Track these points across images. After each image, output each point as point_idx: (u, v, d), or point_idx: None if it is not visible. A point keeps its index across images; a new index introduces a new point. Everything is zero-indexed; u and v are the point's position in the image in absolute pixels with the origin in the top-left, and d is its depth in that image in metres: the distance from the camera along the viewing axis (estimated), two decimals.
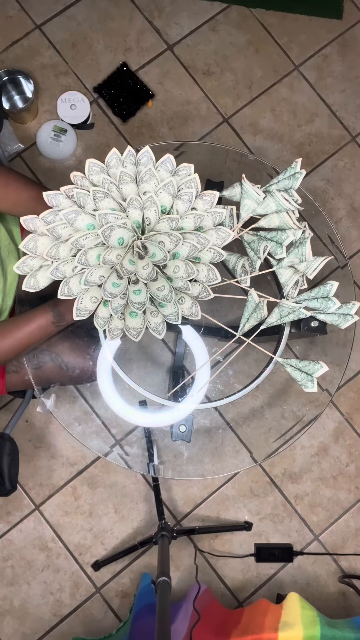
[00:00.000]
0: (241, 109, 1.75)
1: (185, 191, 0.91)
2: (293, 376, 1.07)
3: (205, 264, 0.95)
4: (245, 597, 1.59)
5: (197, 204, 0.93)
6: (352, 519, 1.63)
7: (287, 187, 1.06)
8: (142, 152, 0.92)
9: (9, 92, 1.62)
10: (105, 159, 0.91)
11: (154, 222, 0.90)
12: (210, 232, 0.94)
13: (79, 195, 0.88)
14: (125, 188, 0.90)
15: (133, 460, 1.34)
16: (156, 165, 0.92)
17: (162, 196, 0.90)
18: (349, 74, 1.77)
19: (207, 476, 1.32)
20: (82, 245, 0.87)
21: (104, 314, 0.91)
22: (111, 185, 0.89)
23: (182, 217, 0.91)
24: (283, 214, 1.04)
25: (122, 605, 1.57)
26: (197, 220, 0.92)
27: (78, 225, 0.88)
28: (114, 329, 0.92)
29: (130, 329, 0.92)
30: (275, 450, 1.25)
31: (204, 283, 0.95)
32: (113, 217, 0.87)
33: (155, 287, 0.90)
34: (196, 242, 0.91)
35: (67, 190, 0.89)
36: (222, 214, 0.94)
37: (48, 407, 1.21)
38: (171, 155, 0.92)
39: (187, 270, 0.90)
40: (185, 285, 0.92)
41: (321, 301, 1.06)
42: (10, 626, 1.56)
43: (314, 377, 1.04)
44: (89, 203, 0.88)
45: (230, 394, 1.14)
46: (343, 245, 1.35)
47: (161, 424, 1.17)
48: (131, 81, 1.71)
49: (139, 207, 0.89)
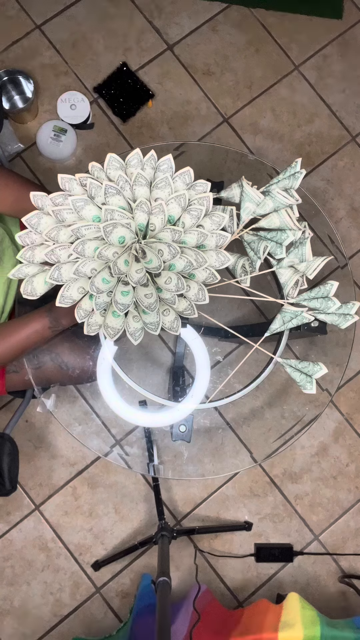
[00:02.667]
0: (241, 109, 1.75)
1: (195, 207, 0.92)
2: (292, 377, 1.07)
3: (198, 282, 0.95)
4: (245, 597, 1.59)
5: (205, 222, 0.94)
6: (352, 519, 1.63)
7: (287, 187, 1.06)
8: (164, 159, 0.92)
9: (9, 92, 1.62)
10: (127, 157, 0.91)
11: (158, 229, 0.90)
12: (210, 253, 0.94)
13: (92, 186, 0.88)
14: (138, 190, 0.90)
15: (133, 460, 1.34)
16: (174, 175, 0.92)
17: (172, 206, 0.91)
18: (349, 74, 1.77)
19: (207, 476, 1.32)
20: (82, 234, 0.87)
21: (86, 307, 0.91)
22: (125, 184, 0.89)
23: (186, 232, 0.91)
24: (282, 213, 1.04)
25: (122, 605, 1.57)
26: (200, 238, 0.92)
27: (84, 214, 0.88)
28: (93, 323, 0.92)
29: (108, 327, 0.92)
30: (275, 450, 1.25)
31: (191, 300, 0.95)
32: (119, 214, 0.88)
33: (143, 294, 0.90)
34: (194, 259, 0.91)
35: (82, 178, 0.89)
36: (226, 237, 0.94)
37: (48, 407, 1.21)
38: (191, 169, 0.92)
39: (178, 284, 0.91)
40: (173, 299, 0.92)
41: (321, 301, 1.06)
42: (10, 626, 1.56)
43: (313, 378, 1.04)
44: (100, 196, 0.88)
45: (230, 394, 1.14)
46: (343, 245, 1.35)
47: (161, 424, 1.17)
48: (131, 81, 1.71)
49: (147, 212, 0.89)
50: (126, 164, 0.91)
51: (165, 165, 0.92)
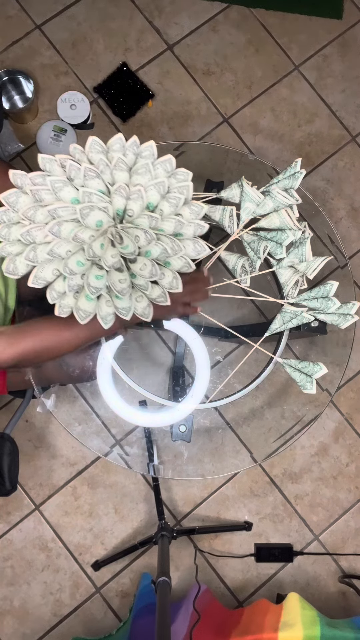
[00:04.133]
0: (241, 109, 1.75)
1: (175, 195, 0.92)
2: (292, 377, 1.07)
3: (172, 270, 0.95)
4: (245, 597, 1.59)
5: (184, 211, 0.93)
6: (352, 519, 1.63)
7: (287, 187, 1.07)
8: (146, 146, 0.92)
9: (9, 92, 1.62)
10: (109, 141, 0.91)
11: (136, 215, 0.90)
12: (187, 242, 0.94)
13: (72, 168, 0.88)
14: (118, 174, 0.90)
15: (133, 460, 1.34)
16: (155, 162, 0.92)
17: (151, 193, 0.90)
18: (349, 74, 1.77)
19: (207, 476, 1.32)
20: (59, 215, 0.87)
21: (59, 289, 0.91)
22: (105, 168, 0.89)
23: (163, 219, 0.91)
24: (282, 213, 1.04)
25: (122, 605, 1.57)
26: (177, 226, 0.92)
27: (62, 195, 0.88)
28: (65, 305, 0.92)
29: (80, 310, 0.92)
30: (275, 450, 1.25)
31: (165, 288, 0.95)
32: (97, 198, 0.87)
33: (117, 279, 0.90)
34: (170, 247, 0.91)
35: (62, 159, 0.89)
36: (204, 228, 0.94)
37: (48, 407, 1.21)
38: (173, 158, 0.92)
39: (152, 271, 0.91)
40: (146, 285, 0.92)
41: (321, 301, 1.06)
42: (10, 626, 1.56)
43: (313, 378, 1.04)
44: (79, 178, 0.88)
45: (230, 394, 1.14)
46: (343, 245, 1.35)
47: (161, 424, 1.17)
48: (131, 81, 1.71)
49: (125, 197, 0.89)
50: (108, 148, 0.91)
51: (147, 152, 0.92)
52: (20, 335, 0.91)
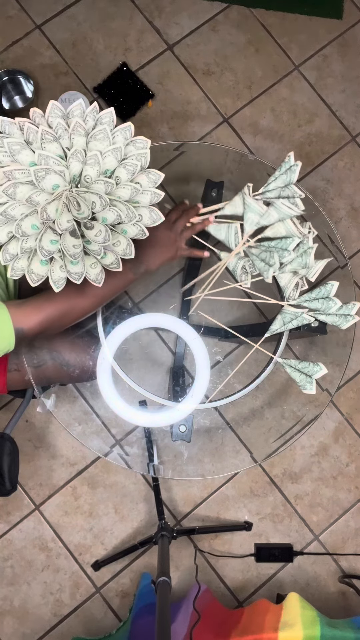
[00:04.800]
0: (241, 109, 1.75)
1: (132, 162, 0.92)
2: (292, 377, 1.07)
3: (127, 238, 0.95)
4: (245, 597, 1.59)
5: (142, 179, 0.94)
6: (352, 519, 1.63)
7: (286, 182, 1.06)
8: (106, 112, 0.92)
9: (9, 92, 1.62)
10: (70, 107, 0.91)
11: (93, 180, 0.90)
12: (143, 210, 0.95)
13: (30, 131, 0.88)
14: (76, 139, 0.90)
15: (133, 460, 1.34)
16: (115, 130, 0.92)
17: (108, 159, 0.91)
18: (349, 74, 1.77)
19: (207, 476, 1.32)
20: (15, 178, 0.87)
21: (13, 250, 0.91)
22: (64, 132, 0.90)
23: (119, 185, 0.92)
24: (287, 221, 1.04)
25: (122, 605, 1.57)
26: (133, 193, 0.92)
27: (20, 158, 0.88)
28: (18, 268, 0.92)
29: (32, 273, 0.92)
30: (275, 450, 1.25)
31: (118, 254, 0.96)
32: (54, 161, 0.88)
33: (72, 244, 0.90)
34: (124, 214, 0.91)
35: (20, 122, 0.89)
36: (160, 196, 0.95)
37: (48, 407, 1.21)
38: (132, 125, 0.93)
39: (105, 236, 0.91)
40: (99, 250, 0.93)
41: (322, 302, 1.06)
42: (10, 626, 1.56)
43: (313, 378, 1.04)
44: (37, 142, 0.88)
45: (230, 394, 1.14)
46: (343, 245, 1.35)
47: (161, 424, 1.17)
48: (131, 81, 1.71)
49: (81, 161, 0.89)
50: (68, 114, 0.91)
51: (107, 119, 0.92)
52: (43, 300, 0.95)
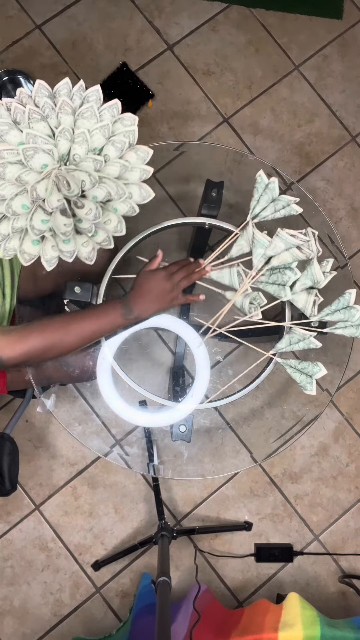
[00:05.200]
0: (241, 109, 1.75)
1: (119, 139, 0.91)
2: (293, 377, 1.07)
3: (118, 215, 0.95)
4: (245, 597, 1.59)
5: (130, 156, 0.93)
6: (352, 519, 1.63)
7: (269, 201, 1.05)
8: (92, 90, 0.92)
9: (9, 92, 1.62)
10: (56, 86, 0.90)
11: (82, 158, 0.90)
12: (132, 187, 0.94)
13: (17, 111, 0.87)
14: (63, 118, 0.89)
15: (133, 460, 1.34)
16: (102, 107, 0.92)
17: (96, 137, 0.90)
18: (349, 74, 1.77)
19: (207, 476, 1.32)
20: (4, 157, 0.86)
21: (4, 231, 0.91)
22: (51, 112, 0.89)
23: (108, 163, 0.91)
24: (293, 249, 1.04)
25: (122, 605, 1.57)
26: (122, 170, 0.92)
27: (8, 139, 0.87)
28: (10, 248, 0.92)
29: (25, 253, 0.92)
30: (275, 450, 1.25)
31: (110, 232, 0.95)
32: (42, 140, 0.87)
33: (62, 222, 0.90)
34: (114, 191, 0.91)
35: (7, 102, 0.88)
36: (149, 172, 0.94)
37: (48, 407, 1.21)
38: (119, 102, 0.92)
39: (96, 213, 0.91)
40: (90, 228, 0.92)
41: (344, 312, 1.06)
42: (10, 626, 1.56)
43: (313, 379, 1.04)
44: (25, 122, 0.88)
45: (230, 394, 1.14)
46: (343, 245, 1.35)
47: (161, 424, 1.17)
48: (131, 81, 1.71)
49: (69, 140, 0.89)
50: (55, 93, 0.91)
51: (94, 97, 0.92)
52: (28, 332, 0.92)
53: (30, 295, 1.17)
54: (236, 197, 1.28)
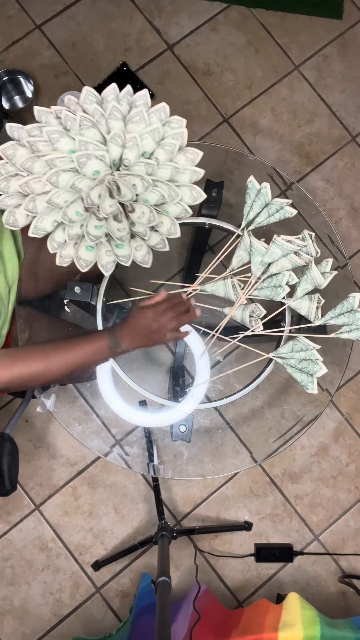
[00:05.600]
0: (241, 109, 1.75)
1: (169, 142, 0.92)
2: (294, 377, 1.07)
3: (170, 217, 0.95)
4: (245, 597, 1.59)
5: (180, 158, 0.94)
6: (352, 519, 1.63)
7: (263, 205, 1.05)
8: (140, 94, 0.92)
9: (9, 92, 1.62)
10: (103, 92, 0.90)
11: (133, 163, 0.90)
12: (183, 189, 0.94)
13: (67, 118, 0.88)
14: (113, 123, 0.90)
15: (133, 460, 1.34)
16: (150, 111, 0.92)
17: (146, 141, 0.91)
18: (349, 74, 1.77)
19: (207, 476, 1.32)
20: (56, 165, 0.87)
21: (59, 239, 0.91)
22: (101, 118, 0.89)
23: (159, 166, 0.91)
24: (291, 255, 1.04)
25: (122, 605, 1.57)
26: (173, 173, 0.92)
27: (59, 147, 0.88)
28: (66, 255, 0.92)
29: (81, 259, 0.92)
30: (275, 450, 1.25)
31: (163, 235, 0.96)
32: (94, 147, 0.87)
33: (116, 227, 0.90)
34: (166, 193, 0.91)
35: (57, 110, 0.89)
36: (200, 174, 0.94)
37: (48, 407, 1.21)
38: (167, 106, 0.92)
39: (150, 217, 0.91)
40: (145, 231, 0.93)
41: (348, 315, 1.06)
42: (10, 626, 1.56)
43: (314, 377, 1.04)
44: (75, 129, 0.88)
45: (230, 394, 1.14)
46: (343, 245, 1.35)
47: (161, 424, 1.17)
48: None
49: (121, 145, 0.89)
50: (102, 99, 0.91)
51: (141, 101, 0.92)
52: (10, 359, 0.89)
53: (30, 295, 1.16)
54: (236, 197, 1.28)
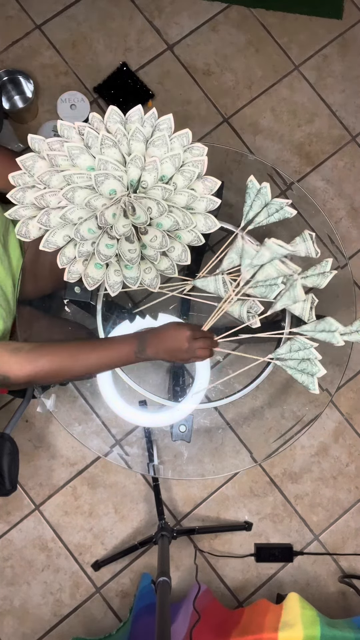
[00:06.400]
0: (241, 109, 1.75)
1: (189, 169, 0.91)
2: (295, 378, 1.07)
3: (182, 243, 0.95)
4: (245, 597, 1.59)
5: (197, 185, 0.93)
6: (352, 519, 1.63)
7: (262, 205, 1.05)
8: (164, 118, 0.92)
9: (9, 92, 1.62)
10: (128, 112, 0.90)
11: (150, 186, 0.90)
12: (198, 216, 0.94)
13: (89, 136, 0.88)
14: (134, 145, 0.90)
15: (133, 460, 1.34)
16: (172, 136, 0.92)
17: (166, 165, 0.90)
18: (349, 74, 1.77)
19: (207, 476, 1.32)
20: (74, 182, 0.87)
21: (69, 254, 0.91)
22: (123, 138, 0.89)
23: (177, 192, 0.91)
24: (276, 262, 1.04)
25: (122, 605, 1.57)
26: (190, 200, 0.92)
27: (79, 163, 0.88)
28: (74, 272, 0.93)
29: (89, 277, 0.92)
30: (275, 450, 1.25)
31: (174, 260, 0.95)
32: (113, 166, 0.87)
33: (127, 248, 0.90)
34: (181, 220, 0.91)
35: (81, 126, 0.89)
36: (216, 203, 0.94)
37: (48, 407, 1.21)
38: (190, 132, 0.92)
39: (162, 242, 0.91)
40: (155, 255, 0.93)
41: (325, 335, 1.06)
42: (10, 626, 1.56)
43: (315, 378, 1.04)
44: (96, 146, 0.88)
45: (230, 394, 1.14)
46: (343, 245, 1.35)
47: (161, 424, 1.17)
48: (131, 81, 1.71)
49: (140, 167, 0.89)
50: (126, 119, 0.91)
51: (165, 125, 0.92)
52: (38, 353, 0.91)
53: (30, 295, 1.16)
54: (236, 197, 1.28)
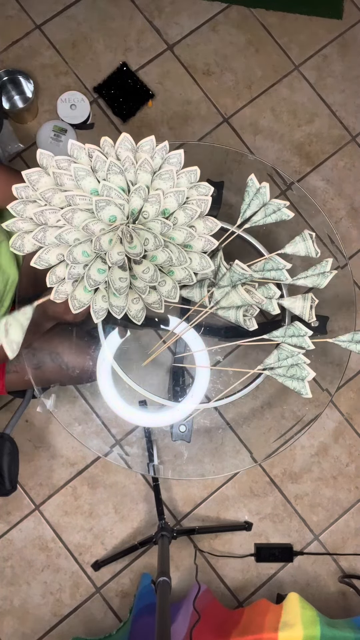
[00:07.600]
0: (241, 109, 1.75)
1: (192, 207, 0.92)
2: (286, 385, 1.06)
3: (174, 280, 0.95)
4: (245, 597, 1.59)
5: (198, 224, 0.94)
6: (352, 519, 1.63)
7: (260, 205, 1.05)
8: (175, 153, 0.92)
9: (9, 92, 1.62)
10: (140, 142, 0.91)
11: (150, 218, 0.90)
12: (194, 255, 0.94)
13: (98, 160, 0.88)
14: (141, 175, 0.90)
15: (133, 460, 1.34)
16: (180, 171, 0.92)
17: (169, 200, 0.91)
18: (349, 74, 1.77)
19: (207, 476, 1.32)
20: (75, 203, 0.87)
21: (60, 274, 0.91)
22: (131, 166, 0.89)
23: (176, 228, 0.92)
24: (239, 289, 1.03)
25: (122, 605, 1.57)
26: (188, 238, 0.92)
27: (83, 184, 0.88)
28: (62, 292, 0.92)
29: (75, 299, 0.92)
30: (275, 450, 1.25)
31: (162, 296, 0.95)
32: (116, 193, 0.88)
33: (118, 276, 0.90)
34: (175, 256, 0.91)
35: (91, 149, 0.89)
36: (214, 244, 0.94)
37: (48, 407, 1.21)
38: (198, 170, 0.92)
39: (153, 275, 0.91)
40: (144, 289, 0.93)
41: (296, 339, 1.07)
42: (10, 626, 1.56)
43: (305, 382, 1.03)
44: (103, 171, 0.89)
45: (230, 394, 1.14)
46: (343, 245, 1.35)
47: (161, 424, 1.17)
48: (131, 81, 1.71)
49: (143, 198, 0.89)
50: (138, 148, 0.91)
51: (175, 159, 0.92)
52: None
53: (30, 295, 1.17)
54: (236, 197, 1.28)
